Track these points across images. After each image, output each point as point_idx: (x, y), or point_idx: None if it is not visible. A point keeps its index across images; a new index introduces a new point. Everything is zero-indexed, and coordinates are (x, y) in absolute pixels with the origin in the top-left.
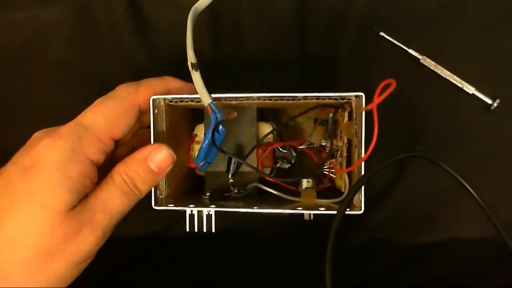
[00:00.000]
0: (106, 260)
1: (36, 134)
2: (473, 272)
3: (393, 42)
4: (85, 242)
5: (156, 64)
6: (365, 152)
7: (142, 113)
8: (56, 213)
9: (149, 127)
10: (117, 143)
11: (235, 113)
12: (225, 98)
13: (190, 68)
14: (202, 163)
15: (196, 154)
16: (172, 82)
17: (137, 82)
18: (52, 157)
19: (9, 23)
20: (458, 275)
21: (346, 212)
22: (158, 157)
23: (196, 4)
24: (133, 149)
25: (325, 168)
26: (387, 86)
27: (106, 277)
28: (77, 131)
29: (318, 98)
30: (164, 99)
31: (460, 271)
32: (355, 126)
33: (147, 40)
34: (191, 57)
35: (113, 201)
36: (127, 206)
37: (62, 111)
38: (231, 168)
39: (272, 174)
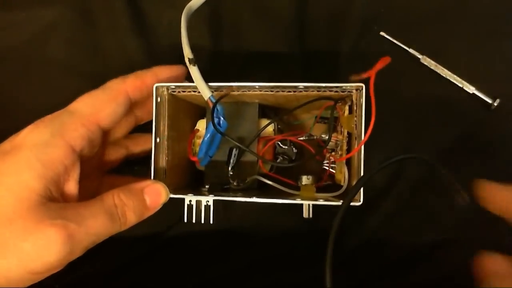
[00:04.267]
0: (106, 260)
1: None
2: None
3: (393, 42)
4: (47, 248)
5: (156, 64)
6: (365, 133)
7: (134, 105)
8: (21, 199)
9: (146, 127)
10: (107, 135)
11: (233, 88)
12: (226, 87)
13: (187, 64)
14: (203, 156)
15: (197, 148)
16: (159, 70)
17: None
18: (30, 141)
19: (9, 23)
20: (458, 275)
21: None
22: (154, 192)
23: (190, 3)
24: (128, 151)
25: (325, 163)
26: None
27: (106, 277)
28: (60, 117)
29: (319, 89)
30: (167, 88)
31: (460, 271)
32: (355, 119)
33: (147, 40)
34: (187, 53)
35: (95, 219)
36: (107, 230)
37: None
38: (231, 161)
39: (272, 171)
